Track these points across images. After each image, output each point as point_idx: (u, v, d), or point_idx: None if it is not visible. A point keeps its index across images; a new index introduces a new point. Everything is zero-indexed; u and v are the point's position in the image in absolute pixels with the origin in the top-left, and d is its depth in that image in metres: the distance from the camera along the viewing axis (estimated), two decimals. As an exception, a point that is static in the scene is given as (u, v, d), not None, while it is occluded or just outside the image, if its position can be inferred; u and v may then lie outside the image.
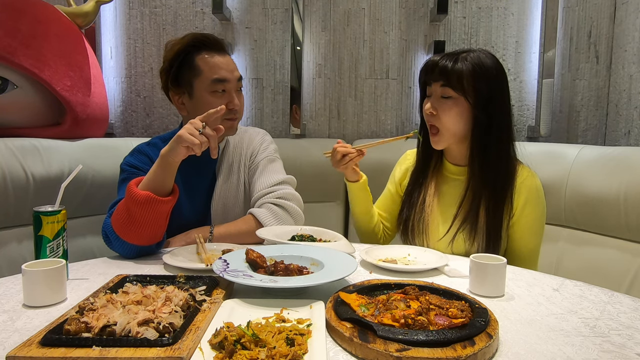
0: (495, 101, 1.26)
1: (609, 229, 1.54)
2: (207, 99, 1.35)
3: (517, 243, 1.32)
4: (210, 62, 1.36)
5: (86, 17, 1.88)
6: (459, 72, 1.24)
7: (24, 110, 1.65)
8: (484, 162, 1.28)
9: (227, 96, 1.36)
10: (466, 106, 1.26)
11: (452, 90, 1.25)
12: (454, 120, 1.27)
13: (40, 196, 1.50)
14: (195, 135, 1.10)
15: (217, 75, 1.35)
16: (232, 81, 1.37)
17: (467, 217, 1.29)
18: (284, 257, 1.04)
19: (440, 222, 1.36)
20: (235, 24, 2.32)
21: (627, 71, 2.08)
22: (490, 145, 1.27)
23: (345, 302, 0.80)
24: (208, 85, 1.35)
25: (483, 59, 1.26)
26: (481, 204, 1.28)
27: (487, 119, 1.26)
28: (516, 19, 2.26)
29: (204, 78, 1.35)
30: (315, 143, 2.21)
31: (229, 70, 1.37)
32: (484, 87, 1.24)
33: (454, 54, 1.27)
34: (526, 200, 1.28)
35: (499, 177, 1.28)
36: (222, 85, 1.35)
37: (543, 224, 1.34)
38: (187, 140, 1.09)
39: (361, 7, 2.31)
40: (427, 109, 1.30)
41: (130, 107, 2.37)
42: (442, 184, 1.39)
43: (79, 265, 1.13)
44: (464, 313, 0.76)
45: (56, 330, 0.69)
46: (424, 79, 1.32)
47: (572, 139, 2.28)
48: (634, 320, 0.83)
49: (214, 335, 0.69)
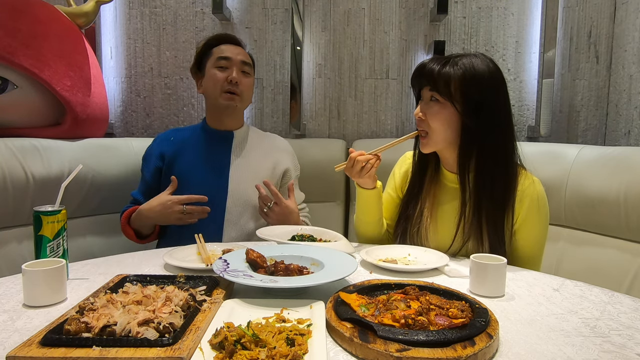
0: (488, 108, 1.19)
1: (609, 229, 1.54)
2: (212, 72, 1.58)
3: (519, 250, 1.27)
4: (222, 47, 1.61)
5: (86, 17, 1.88)
6: (447, 77, 1.19)
7: (24, 110, 1.65)
8: (477, 170, 1.22)
9: (229, 71, 1.57)
10: (453, 111, 1.21)
11: (439, 95, 1.21)
12: (441, 125, 1.23)
13: (40, 196, 1.51)
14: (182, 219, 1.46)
15: (221, 54, 1.59)
16: (235, 60, 1.58)
17: (469, 230, 1.23)
18: (284, 257, 1.04)
19: (439, 236, 1.30)
20: (235, 24, 2.32)
21: (627, 71, 2.08)
22: (483, 152, 1.21)
23: (346, 302, 0.80)
24: (214, 62, 1.59)
25: (476, 64, 1.20)
26: (482, 216, 1.21)
27: (476, 126, 1.20)
28: (516, 19, 2.26)
29: (213, 58, 1.60)
30: (315, 143, 2.21)
31: (233, 52, 1.59)
32: (474, 93, 1.19)
33: (445, 58, 1.23)
34: (528, 210, 1.23)
35: (496, 185, 1.21)
36: (225, 62, 1.58)
37: (546, 233, 1.29)
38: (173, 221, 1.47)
39: (361, 7, 2.31)
40: (416, 113, 1.28)
41: (130, 107, 2.37)
42: (440, 193, 1.33)
43: (79, 265, 1.13)
44: (464, 313, 0.76)
45: (56, 330, 0.69)
46: (414, 82, 1.29)
47: (572, 139, 2.28)
48: (634, 321, 0.83)
49: (214, 335, 0.69)
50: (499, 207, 1.22)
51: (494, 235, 1.22)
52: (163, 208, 1.46)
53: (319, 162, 2.11)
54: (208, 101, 1.64)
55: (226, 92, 1.56)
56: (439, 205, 1.32)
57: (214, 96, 1.58)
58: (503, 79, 1.24)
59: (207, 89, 1.60)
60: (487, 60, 1.23)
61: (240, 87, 1.57)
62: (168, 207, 1.45)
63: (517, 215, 1.24)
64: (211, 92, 1.58)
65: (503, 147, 1.23)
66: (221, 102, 1.57)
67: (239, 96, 1.58)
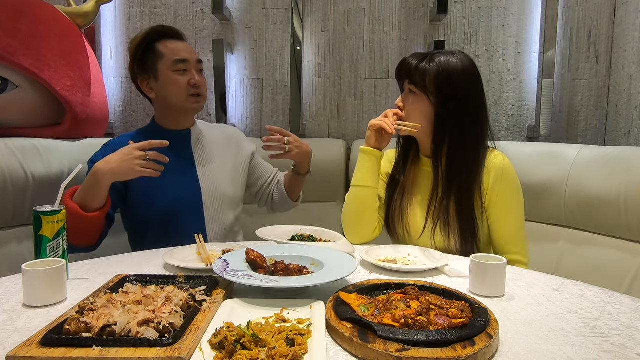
0: (460, 101, 1.29)
1: (609, 229, 1.54)
2: (171, 77, 1.50)
3: (496, 226, 1.33)
4: (171, 46, 1.52)
5: (86, 17, 1.88)
6: (423, 71, 1.29)
7: (24, 110, 1.65)
8: (449, 155, 1.31)
9: (189, 74, 1.52)
10: (428, 103, 1.31)
11: (416, 87, 1.31)
12: (416, 114, 1.33)
13: (40, 196, 1.51)
14: (146, 165, 1.30)
15: (178, 57, 1.50)
16: (192, 61, 1.53)
17: (439, 212, 1.31)
18: (284, 257, 1.04)
19: (418, 218, 1.37)
20: (235, 24, 2.32)
21: (627, 71, 2.08)
22: (455, 139, 1.30)
23: (346, 302, 0.80)
24: (171, 65, 1.50)
25: (451, 61, 1.29)
26: (451, 197, 1.30)
27: (448, 116, 1.29)
28: (516, 19, 2.26)
29: (167, 60, 1.50)
30: (315, 143, 2.19)
31: (188, 52, 1.53)
32: (447, 87, 1.28)
33: (424, 54, 1.33)
34: (495, 178, 1.30)
35: (465, 169, 1.30)
36: (183, 65, 1.51)
37: (520, 203, 1.34)
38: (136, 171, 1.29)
39: (361, 7, 2.31)
40: (397, 102, 1.39)
41: (130, 107, 2.37)
42: (418, 177, 1.41)
43: (79, 265, 1.13)
44: (464, 313, 0.76)
45: (56, 330, 0.69)
46: (396, 75, 1.40)
47: (572, 139, 2.28)
48: (634, 321, 0.83)
49: (214, 335, 0.69)
50: (467, 187, 1.30)
51: (462, 213, 1.29)
52: (122, 155, 1.29)
53: (318, 162, 2.10)
54: (164, 104, 1.54)
55: (191, 95, 1.51)
56: (416, 188, 1.41)
57: (178, 101, 1.51)
58: (477, 74, 1.33)
59: (166, 94, 1.51)
60: (463, 58, 1.32)
61: (202, 88, 1.55)
62: (127, 153, 1.30)
63: (485, 187, 1.31)
64: (173, 97, 1.51)
65: (473, 135, 1.32)
66: (189, 107, 1.53)
67: (202, 96, 1.56)
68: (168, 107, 1.55)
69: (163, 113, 1.59)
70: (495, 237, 1.34)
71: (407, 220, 1.39)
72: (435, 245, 1.33)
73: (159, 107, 1.59)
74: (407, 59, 1.34)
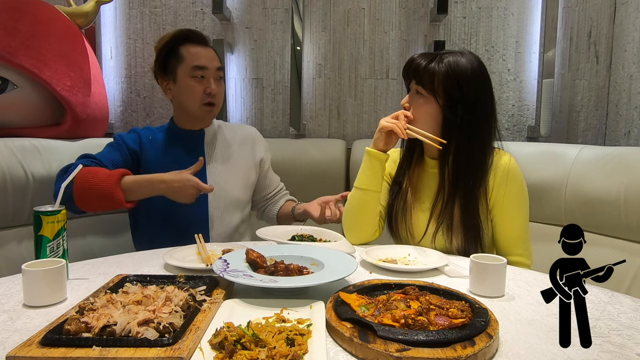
0: (469, 104, 1.25)
1: (609, 229, 1.54)
2: (188, 82, 1.52)
3: (500, 227, 1.31)
4: (193, 51, 1.52)
5: (86, 17, 1.88)
6: (431, 72, 1.26)
7: (24, 110, 1.65)
8: (455, 158, 1.28)
9: (206, 82, 1.52)
10: (436, 105, 1.28)
11: (423, 89, 1.28)
12: (424, 116, 1.30)
13: (40, 196, 1.51)
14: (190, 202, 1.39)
15: (196, 63, 1.51)
16: (211, 69, 1.53)
17: (442, 214, 1.29)
18: (284, 257, 1.04)
19: (421, 220, 1.35)
20: (235, 24, 2.32)
21: (627, 71, 2.08)
22: (462, 143, 1.27)
23: (346, 302, 0.80)
24: (189, 71, 1.51)
25: (460, 62, 1.25)
26: (455, 201, 1.28)
27: (456, 119, 1.26)
28: (516, 19, 2.26)
29: (186, 65, 1.52)
30: (315, 143, 2.21)
31: (209, 59, 1.53)
32: (456, 89, 1.25)
33: (433, 54, 1.30)
34: (501, 179, 1.28)
35: (471, 174, 1.28)
36: (201, 71, 1.51)
37: (525, 204, 1.33)
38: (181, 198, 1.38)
39: (361, 7, 2.31)
40: (403, 102, 1.35)
41: (130, 107, 2.37)
42: (422, 178, 1.39)
43: (79, 265, 1.13)
44: (464, 313, 0.76)
45: (56, 330, 0.69)
46: (404, 75, 1.36)
47: (572, 139, 2.28)
48: (634, 321, 0.83)
49: (214, 335, 0.69)
50: (472, 191, 1.27)
51: (466, 218, 1.27)
52: (181, 185, 1.36)
53: (318, 162, 2.11)
54: (179, 107, 1.59)
55: (205, 104, 1.53)
56: (419, 190, 1.38)
57: (191, 107, 1.54)
58: (487, 77, 1.30)
59: (182, 99, 1.55)
60: (473, 59, 1.28)
61: (217, 96, 1.55)
62: (187, 187, 1.36)
63: (490, 189, 1.29)
64: (188, 103, 1.54)
65: (481, 140, 1.29)
66: (199, 114, 1.55)
67: (216, 105, 1.57)
68: (183, 111, 1.58)
69: (179, 114, 1.62)
70: (498, 239, 1.33)
71: (410, 222, 1.37)
72: (438, 247, 1.32)
73: (176, 108, 1.62)
74: (415, 59, 1.30)
